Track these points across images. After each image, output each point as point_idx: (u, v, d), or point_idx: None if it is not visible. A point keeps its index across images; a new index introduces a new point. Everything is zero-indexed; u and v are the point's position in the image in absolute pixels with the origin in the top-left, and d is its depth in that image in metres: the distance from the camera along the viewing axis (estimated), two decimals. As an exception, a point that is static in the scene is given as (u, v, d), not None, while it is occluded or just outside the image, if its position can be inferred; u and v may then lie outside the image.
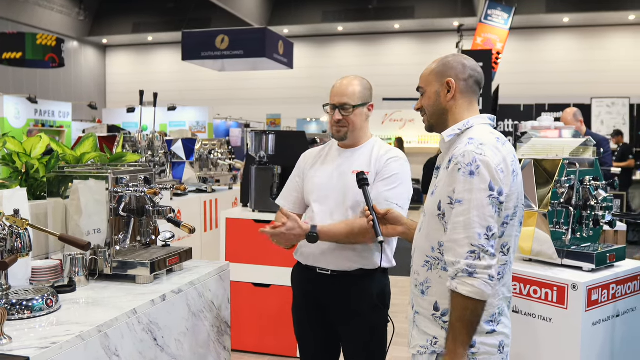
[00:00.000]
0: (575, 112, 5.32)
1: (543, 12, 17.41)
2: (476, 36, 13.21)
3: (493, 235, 1.68)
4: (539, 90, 17.08)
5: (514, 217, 1.79)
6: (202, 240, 5.54)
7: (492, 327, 1.78)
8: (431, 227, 1.84)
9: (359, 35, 20.64)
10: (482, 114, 1.88)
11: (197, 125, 12.55)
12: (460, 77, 1.87)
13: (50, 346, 1.57)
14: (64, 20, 19.20)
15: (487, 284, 1.65)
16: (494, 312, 1.78)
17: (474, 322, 1.69)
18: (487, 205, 1.67)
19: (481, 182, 1.68)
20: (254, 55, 11.05)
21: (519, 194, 1.81)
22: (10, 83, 17.09)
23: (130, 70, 22.33)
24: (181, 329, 2.21)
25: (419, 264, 1.89)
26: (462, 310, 1.68)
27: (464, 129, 1.84)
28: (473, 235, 1.66)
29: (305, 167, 2.55)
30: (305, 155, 2.61)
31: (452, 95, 1.87)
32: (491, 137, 1.78)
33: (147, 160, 4.70)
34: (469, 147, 1.72)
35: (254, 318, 4.15)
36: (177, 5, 19.20)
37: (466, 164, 1.70)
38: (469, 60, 1.91)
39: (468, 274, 1.65)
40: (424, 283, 1.87)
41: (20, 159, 2.58)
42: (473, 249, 1.65)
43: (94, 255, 2.25)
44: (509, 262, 1.83)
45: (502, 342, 1.80)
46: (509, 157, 1.77)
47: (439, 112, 1.91)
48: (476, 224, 1.66)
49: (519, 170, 1.83)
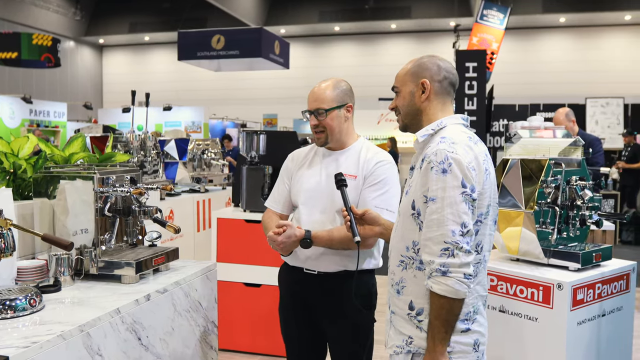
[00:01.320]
0: (568, 112, 5.33)
1: (539, 12, 17.46)
2: (472, 36, 13.23)
3: (468, 232, 1.69)
4: (534, 90, 17.13)
5: (487, 215, 1.80)
6: (195, 240, 5.55)
7: (467, 326, 1.79)
8: (405, 226, 1.85)
9: (356, 35, 20.67)
10: (455, 114, 1.90)
11: (193, 125, 12.55)
12: (435, 78, 1.89)
13: (30, 345, 1.57)
14: (60, 20, 19.19)
15: (461, 282, 1.67)
16: (468, 311, 1.79)
17: (450, 320, 1.71)
18: (460, 202, 1.68)
19: (453, 179, 1.69)
20: (250, 55, 11.07)
21: (491, 193, 1.82)
22: (6, 83, 17.08)
23: (126, 70, 22.33)
24: (166, 328, 2.22)
25: (394, 263, 1.91)
26: (439, 309, 1.70)
27: (437, 129, 1.86)
28: (447, 232, 1.67)
29: (293, 168, 2.55)
30: (293, 156, 2.61)
31: (427, 96, 1.90)
32: (463, 136, 1.80)
33: (139, 161, 4.70)
34: (441, 146, 1.74)
35: (244, 318, 4.15)
36: (173, 5, 19.20)
37: (438, 162, 1.72)
38: (444, 61, 1.93)
39: (442, 273, 1.67)
40: (399, 283, 1.88)
41: (8, 159, 2.58)
42: (447, 246, 1.67)
43: (80, 255, 2.26)
44: (483, 261, 1.84)
45: (477, 341, 1.81)
46: (481, 156, 1.79)
47: (413, 113, 1.93)
48: (450, 221, 1.67)
49: (492, 169, 1.85)
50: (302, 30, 20.54)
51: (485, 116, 8.24)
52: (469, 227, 1.69)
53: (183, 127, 12.11)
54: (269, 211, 2.58)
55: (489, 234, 1.85)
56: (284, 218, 2.56)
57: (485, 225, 1.81)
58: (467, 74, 8.17)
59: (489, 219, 1.82)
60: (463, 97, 8.12)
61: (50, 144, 2.83)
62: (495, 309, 2.76)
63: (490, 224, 1.84)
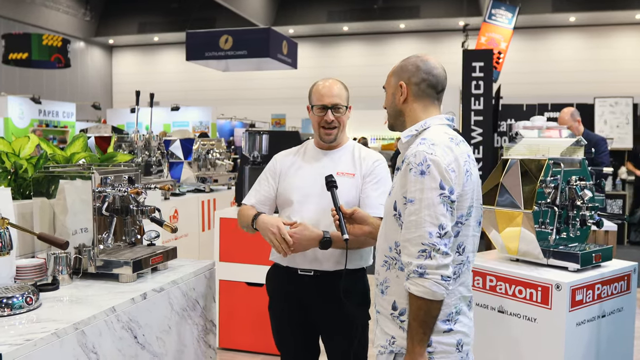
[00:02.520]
0: (573, 111, 5.30)
1: (549, 12, 17.36)
2: (480, 36, 13.18)
3: (446, 234, 1.69)
4: (542, 90, 17.04)
5: (468, 217, 1.80)
6: (200, 239, 5.58)
7: (449, 326, 1.79)
8: (388, 227, 1.86)
9: (364, 35, 20.66)
10: (439, 115, 1.90)
11: (201, 125, 12.60)
12: (412, 80, 1.88)
13: (24, 343, 1.59)
14: (70, 21, 19.33)
15: (439, 284, 1.66)
16: (450, 312, 1.79)
17: (428, 322, 1.71)
18: (438, 204, 1.68)
19: (432, 181, 1.69)
20: (258, 55, 11.09)
21: (473, 194, 1.81)
22: (17, 84, 17.23)
23: (136, 71, 22.45)
24: (163, 327, 2.23)
25: (379, 263, 1.92)
26: (417, 310, 1.70)
27: (420, 130, 1.86)
28: (424, 234, 1.67)
29: (281, 169, 2.52)
30: (280, 157, 2.57)
31: (405, 98, 1.90)
32: (444, 137, 1.79)
33: (143, 160, 4.73)
34: (420, 147, 1.74)
35: (247, 317, 4.17)
36: (182, 6, 19.28)
37: (417, 163, 1.72)
38: (427, 62, 1.89)
39: (419, 275, 1.67)
40: (383, 282, 1.88)
41: (9, 158, 2.61)
42: (424, 248, 1.67)
43: (79, 254, 2.28)
44: (466, 262, 1.84)
45: (461, 341, 1.81)
46: (462, 157, 1.78)
47: (395, 113, 1.95)
48: (427, 222, 1.67)
49: (474, 170, 1.84)
50: (310, 30, 20.55)
51: (492, 116, 8.20)
52: (446, 229, 1.69)
53: (191, 127, 12.16)
54: (246, 207, 2.51)
55: (472, 235, 1.85)
56: None
57: (468, 226, 1.81)
58: (474, 73, 8.13)
59: (472, 220, 1.82)
60: (470, 96, 8.09)
61: (52, 144, 2.86)
62: (494, 309, 2.76)
63: (473, 224, 1.83)
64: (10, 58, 13.08)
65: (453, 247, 1.76)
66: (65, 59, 13.59)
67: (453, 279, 1.78)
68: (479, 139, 8.01)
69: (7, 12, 17.18)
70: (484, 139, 7.99)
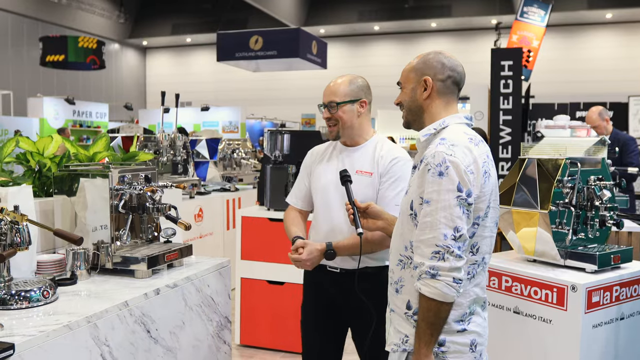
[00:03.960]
0: (601, 110, 5.20)
1: (584, 9, 17.00)
2: (512, 34, 12.99)
3: (461, 237, 1.67)
4: (575, 89, 16.69)
5: (485, 217, 1.78)
6: (225, 238, 5.66)
7: (463, 327, 1.78)
8: (404, 226, 1.86)
9: (395, 34, 20.55)
10: (458, 114, 1.88)
11: (230, 125, 12.74)
12: (437, 76, 1.87)
13: (37, 334, 1.66)
14: (106, 23, 19.77)
15: (450, 286, 1.66)
16: (464, 312, 1.79)
17: (436, 323, 1.70)
18: (454, 206, 1.67)
19: (449, 183, 1.68)
20: (288, 55, 11.15)
21: (491, 195, 1.79)
22: (54, 85, 17.71)
23: (169, 72, 22.81)
24: (177, 322, 2.29)
25: (394, 262, 1.91)
26: (426, 311, 1.69)
27: (439, 129, 1.85)
28: (438, 235, 1.66)
29: (311, 164, 2.60)
30: (312, 152, 2.66)
31: (429, 94, 1.88)
32: (464, 138, 1.78)
33: (168, 160, 4.83)
34: (440, 148, 1.73)
35: (267, 315, 4.21)
36: (214, 7, 19.52)
37: (436, 164, 1.70)
38: (450, 59, 1.89)
39: (431, 276, 1.66)
40: (398, 281, 1.88)
41: (34, 157, 2.71)
42: (437, 250, 1.66)
43: (97, 250, 2.35)
44: (481, 263, 1.82)
45: (474, 341, 1.80)
46: (481, 158, 1.77)
47: (415, 110, 1.92)
48: (442, 224, 1.66)
49: (492, 170, 1.82)
50: (341, 30, 20.55)
51: (521, 115, 8.08)
52: (461, 232, 1.67)
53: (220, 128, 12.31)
54: (291, 209, 2.64)
55: (489, 236, 1.83)
56: (304, 214, 2.62)
57: (484, 227, 1.80)
58: (503, 72, 8.01)
59: (488, 220, 1.80)
60: (498, 96, 7.98)
61: (75, 144, 2.95)
62: (510, 310, 2.74)
63: (490, 225, 1.82)
64: (47, 60, 13.44)
65: (467, 248, 1.76)
66: (100, 61, 13.90)
67: (467, 280, 1.78)
68: (508, 138, 7.88)
69: (45, 15, 17.68)
70: (513, 138, 7.87)
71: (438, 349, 1.75)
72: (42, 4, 17.43)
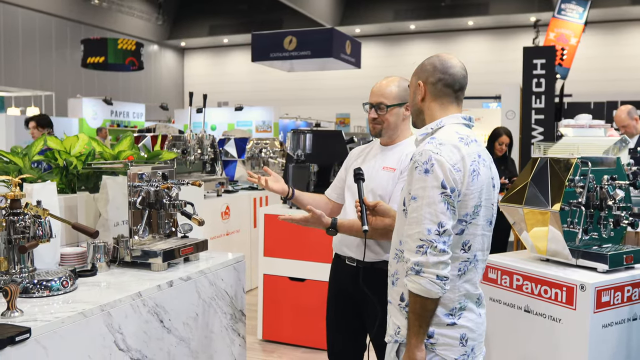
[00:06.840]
0: (630, 109, 5.10)
1: (627, 4, 16.57)
2: (549, 31, 12.77)
3: (445, 232, 1.73)
4: (614, 87, 16.27)
5: (476, 215, 1.82)
6: (251, 235, 5.77)
7: (452, 320, 1.83)
8: (399, 221, 1.92)
9: (431, 33, 20.41)
10: (456, 114, 1.93)
11: (263, 124, 12.90)
12: (429, 80, 1.93)
13: (52, 320, 1.78)
14: (145, 25, 20.26)
15: (434, 283, 1.71)
16: (453, 307, 1.83)
17: (424, 316, 1.76)
18: (439, 202, 1.73)
19: (434, 179, 1.74)
20: (322, 55, 11.22)
21: (481, 194, 1.83)
22: (95, 86, 18.25)
23: (206, 72, 23.19)
24: (190, 313, 2.39)
25: (391, 255, 1.98)
26: (413, 304, 1.77)
27: (435, 129, 1.91)
28: (423, 230, 1.72)
29: (350, 162, 2.69)
30: (353, 152, 2.76)
31: (422, 97, 1.95)
32: (454, 137, 1.83)
33: (196, 159, 4.97)
34: (427, 147, 1.80)
35: (289, 310, 4.30)
36: (249, 8, 19.76)
37: (422, 162, 1.77)
38: (445, 62, 1.93)
39: (415, 272, 1.72)
40: (394, 274, 1.95)
41: (61, 156, 2.85)
42: (422, 244, 1.72)
43: (116, 244, 2.48)
44: (473, 260, 1.86)
45: (465, 336, 1.85)
46: (470, 157, 1.81)
47: (416, 112, 2.01)
48: (427, 220, 1.72)
49: (483, 169, 1.86)
50: (377, 30, 20.54)
51: (554, 114, 7.97)
52: (445, 227, 1.73)
53: (254, 127, 12.48)
54: (323, 196, 2.74)
55: (482, 234, 1.87)
56: (336, 207, 2.70)
57: (475, 225, 1.84)
58: (535, 71, 7.93)
59: (480, 219, 1.85)
60: (530, 94, 7.90)
61: (101, 143, 3.09)
62: (521, 308, 2.75)
63: (482, 224, 1.86)
64: (88, 62, 13.87)
65: (456, 245, 1.81)
66: (138, 62, 14.27)
67: (457, 276, 1.83)
68: (540, 138, 7.79)
69: (86, 18, 18.24)
70: (545, 138, 7.77)
71: (427, 341, 1.80)
72: (84, 8, 17.99)
